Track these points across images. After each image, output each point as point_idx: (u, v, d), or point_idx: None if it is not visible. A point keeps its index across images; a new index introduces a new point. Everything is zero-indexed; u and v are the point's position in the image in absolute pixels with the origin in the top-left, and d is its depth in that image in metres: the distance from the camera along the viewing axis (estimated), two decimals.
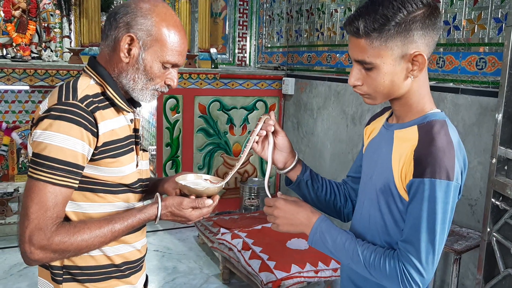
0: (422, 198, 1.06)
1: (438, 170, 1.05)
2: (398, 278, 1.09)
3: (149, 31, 1.20)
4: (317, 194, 1.40)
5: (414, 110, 1.17)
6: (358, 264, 1.15)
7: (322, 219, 1.22)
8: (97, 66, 1.25)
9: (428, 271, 1.08)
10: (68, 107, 1.13)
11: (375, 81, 1.12)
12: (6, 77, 4.01)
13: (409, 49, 1.08)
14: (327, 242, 1.19)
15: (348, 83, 1.18)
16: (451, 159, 1.06)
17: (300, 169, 1.39)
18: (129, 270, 1.32)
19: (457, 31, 2.98)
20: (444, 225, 1.08)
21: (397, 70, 1.10)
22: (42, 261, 1.13)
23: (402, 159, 1.12)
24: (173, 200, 1.26)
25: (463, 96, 2.93)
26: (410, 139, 1.12)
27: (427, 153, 1.06)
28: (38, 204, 1.11)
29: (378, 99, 1.17)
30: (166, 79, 1.27)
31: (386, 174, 1.15)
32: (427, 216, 1.07)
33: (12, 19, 4.31)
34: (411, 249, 1.08)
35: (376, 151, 1.24)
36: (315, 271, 2.99)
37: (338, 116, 4.15)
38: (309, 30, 4.59)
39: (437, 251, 1.08)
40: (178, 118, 4.63)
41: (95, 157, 1.18)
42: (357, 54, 1.12)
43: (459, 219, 2.93)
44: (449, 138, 1.08)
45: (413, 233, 1.08)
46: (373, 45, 1.08)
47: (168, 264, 3.76)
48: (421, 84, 1.15)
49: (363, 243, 1.17)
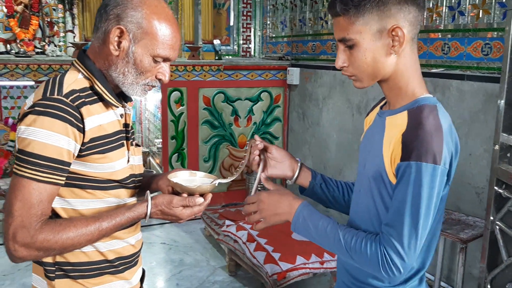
0: (407, 182, 1.05)
1: (424, 153, 1.03)
2: (379, 262, 1.08)
3: (140, 23, 1.17)
4: (334, 195, 1.39)
5: (404, 95, 1.16)
6: (340, 249, 1.15)
7: (304, 205, 1.22)
8: (85, 60, 1.23)
9: (409, 256, 1.06)
10: (52, 102, 1.11)
11: (357, 59, 1.13)
12: (10, 72, 4.02)
13: (387, 23, 1.09)
14: (309, 228, 1.19)
15: (336, 66, 1.19)
16: (439, 143, 1.04)
17: (309, 174, 1.39)
18: (123, 266, 1.31)
19: (462, 16, 2.91)
20: (429, 210, 1.06)
21: (378, 45, 1.11)
22: (26, 258, 1.12)
23: (392, 144, 1.10)
24: (163, 198, 1.23)
25: (469, 83, 2.88)
26: (400, 124, 1.10)
27: (414, 136, 1.05)
28: (21, 201, 1.09)
29: (365, 80, 1.17)
30: (157, 74, 1.24)
31: (377, 161, 1.14)
32: (411, 199, 1.05)
33: (14, 14, 4.32)
34: (394, 232, 1.07)
35: (370, 139, 1.24)
36: (320, 262, 2.97)
37: (344, 105, 4.10)
38: (313, 18, 4.53)
39: (420, 236, 1.07)
40: (182, 110, 4.61)
41: (83, 153, 1.16)
42: (339, 33, 1.14)
43: (465, 208, 2.88)
44: (437, 122, 1.06)
45: (397, 217, 1.07)
46: (351, 21, 1.10)
47: (174, 257, 3.77)
48: (408, 65, 1.14)
49: (345, 228, 1.16)
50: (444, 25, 3.04)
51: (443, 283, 2.97)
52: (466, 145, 2.91)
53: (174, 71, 4.52)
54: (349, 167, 4.05)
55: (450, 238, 2.42)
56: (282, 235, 3.25)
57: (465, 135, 2.91)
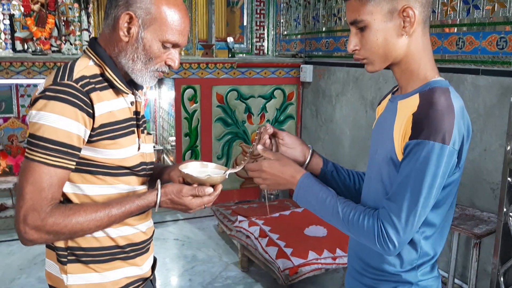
0: (414, 158, 1.05)
1: (433, 132, 1.03)
2: (374, 235, 1.09)
3: (148, 9, 1.18)
4: (345, 183, 1.39)
5: (416, 78, 1.15)
6: (338, 220, 1.17)
7: (306, 176, 1.24)
8: (96, 47, 1.24)
9: (406, 232, 1.07)
10: (62, 87, 1.13)
11: (369, 41, 1.13)
12: (27, 70, 4.09)
13: (398, 4, 1.10)
14: (310, 199, 1.21)
15: (347, 50, 1.19)
16: (449, 123, 1.03)
17: (321, 161, 1.39)
18: (134, 252, 1.32)
19: (476, 10, 2.88)
20: (432, 189, 1.06)
21: (389, 26, 1.11)
22: (37, 241, 1.13)
23: (403, 126, 1.10)
24: (173, 187, 1.24)
25: (484, 77, 2.84)
26: (411, 106, 1.10)
27: (425, 115, 1.05)
28: (32, 185, 1.11)
29: (376, 63, 1.16)
30: (166, 59, 1.24)
31: (389, 144, 1.14)
32: (415, 176, 1.05)
33: (31, 13, 4.38)
34: (394, 207, 1.08)
35: (382, 125, 1.23)
36: (333, 257, 2.96)
37: (357, 102, 4.08)
38: (327, 15, 4.52)
39: (419, 213, 1.07)
40: (196, 108, 4.64)
41: (93, 139, 1.18)
42: (350, 15, 1.15)
43: (480, 204, 2.85)
44: (450, 103, 1.06)
45: (399, 192, 1.08)
46: (362, 2, 1.11)
47: (187, 253, 3.78)
48: (420, 47, 1.14)
49: (345, 201, 1.17)
50: (460, 19, 3.01)
51: (457, 280, 2.94)
52: (481, 141, 2.87)
53: (188, 69, 4.55)
54: (363, 164, 4.03)
55: (464, 233, 2.39)
56: (294, 230, 3.25)
57: (480, 130, 2.87)
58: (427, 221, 1.14)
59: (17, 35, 4.48)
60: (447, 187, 1.13)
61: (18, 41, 4.50)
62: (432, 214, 1.14)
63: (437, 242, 1.19)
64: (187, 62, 4.55)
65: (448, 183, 1.12)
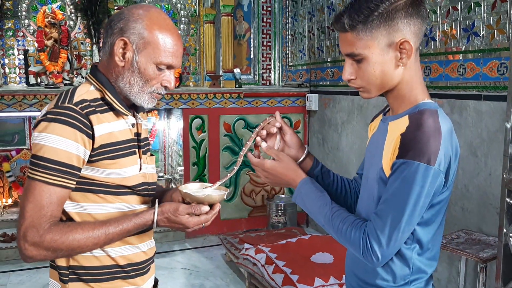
0: (399, 177, 1.09)
1: (419, 153, 1.06)
2: (360, 247, 1.14)
3: (141, 34, 1.25)
4: (327, 189, 1.41)
5: (407, 101, 1.19)
6: (329, 228, 1.23)
7: (305, 181, 1.29)
8: (97, 73, 1.31)
9: (389, 246, 1.11)
10: (62, 110, 1.19)
11: (366, 72, 1.15)
12: (39, 103, 4.21)
13: (395, 37, 1.12)
14: (307, 205, 1.29)
15: (343, 78, 1.22)
16: (435, 144, 1.06)
17: (310, 164, 1.41)
18: (134, 272, 1.34)
19: (476, 37, 2.94)
20: (416, 207, 1.09)
21: (386, 59, 1.13)
22: (36, 258, 1.17)
23: (392, 145, 1.14)
24: (170, 206, 1.27)
25: (486, 103, 2.87)
26: (401, 127, 1.14)
27: (412, 137, 1.08)
28: (33, 203, 1.16)
29: (373, 92, 1.19)
30: (162, 81, 1.30)
31: (379, 164, 1.17)
32: (400, 194, 1.09)
33: (45, 48, 4.53)
34: (379, 222, 1.12)
35: (374, 144, 1.27)
36: (339, 284, 2.94)
37: (362, 129, 4.12)
38: (331, 46, 4.62)
39: (403, 229, 1.10)
40: (204, 137, 4.71)
41: (93, 159, 1.23)
42: (346, 48, 1.16)
43: (487, 229, 2.83)
44: (437, 125, 1.09)
45: (384, 208, 1.11)
46: (359, 37, 1.12)
47: (195, 282, 3.77)
48: (413, 74, 1.17)
49: (337, 210, 1.22)
50: (460, 47, 3.06)
51: None
52: (486, 166, 2.88)
53: (196, 99, 4.64)
54: None
55: (470, 258, 2.38)
56: (301, 257, 3.24)
57: (485, 155, 2.88)
58: (418, 238, 1.17)
59: (31, 69, 4.63)
60: (436, 205, 1.16)
61: (32, 75, 4.65)
62: (423, 232, 1.17)
63: (429, 258, 1.21)
64: (195, 93, 4.65)
65: (437, 201, 1.16)
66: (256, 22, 5.59)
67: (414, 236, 1.16)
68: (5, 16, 4.71)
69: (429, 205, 1.13)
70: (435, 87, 3.19)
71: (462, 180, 3.03)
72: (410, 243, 1.17)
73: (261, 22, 5.60)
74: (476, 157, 2.94)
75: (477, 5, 2.91)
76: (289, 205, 4.59)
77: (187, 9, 5.42)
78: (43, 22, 4.56)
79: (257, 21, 5.59)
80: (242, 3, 5.51)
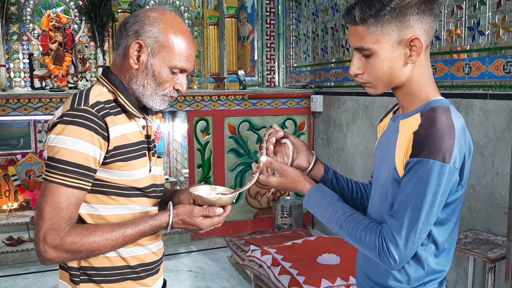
0: (414, 176, 1.06)
1: (434, 151, 1.04)
2: (376, 250, 1.11)
3: (157, 37, 1.25)
4: (343, 193, 1.41)
5: (417, 99, 1.17)
6: (342, 234, 1.21)
7: (312, 191, 1.29)
8: (109, 75, 1.31)
9: (407, 248, 1.09)
10: (79, 112, 1.19)
11: (374, 68, 1.14)
12: (44, 106, 4.22)
13: (406, 34, 1.10)
14: (317, 214, 1.29)
15: (349, 73, 1.20)
16: (450, 142, 1.05)
17: (322, 168, 1.41)
18: (144, 272, 1.34)
19: (481, 36, 2.93)
20: (432, 207, 1.07)
21: (395, 55, 1.12)
22: (55, 260, 1.18)
23: (405, 144, 1.11)
24: (185, 208, 1.28)
25: (492, 102, 2.86)
26: (413, 125, 1.12)
27: (425, 134, 1.06)
28: (51, 205, 1.16)
29: (380, 87, 1.18)
30: (175, 84, 1.31)
31: (391, 164, 1.15)
32: (416, 194, 1.06)
33: (49, 52, 4.55)
34: (395, 223, 1.09)
35: (385, 144, 1.25)
36: (346, 285, 2.93)
37: (368, 130, 4.11)
38: (335, 46, 4.61)
39: (420, 230, 1.08)
40: (208, 139, 4.71)
41: (107, 161, 1.23)
42: (356, 42, 1.14)
43: (495, 228, 2.82)
44: (450, 122, 1.07)
45: (400, 209, 1.09)
46: (370, 31, 1.11)
47: (201, 284, 3.77)
48: (423, 72, 1.16)
49: (350, 215, 1.20)
50: (465, 46, 3.06)
51: None
52: (493, 165, 2.86)
53: (200, 101, 4.64)
54: None
55: (478, 258, 2.36)
56: (307, 258, 3.23)
57: (491, 155, 2.87)
58: (433, 239, 1.15)
59: (35, 73, 4.65)
60: (451, 205, 1.14)
61: (37, 79, 4.67)
62: (439, 231, 1.15)
63: (444, 259, 1.19)
64: (199, 95, 4.65)
65: (452, 200, 1.14)
66: (259, 23, 5.60)
67: (429, 237, 1.14)
68: (10, 20, 4.73)
69: (444, 204, 1.11)
70: (440, 86, 3.18)
71: (469, 180, 2.99)
72: (426, 243, 1.15)
73: (265, 24, 5.61)
74: (483, 157, 2.92)
75: (482, 3, 2.91)
76: (295, 207, 4.59)
77: (190, 11, 5.43)
78: (47, 26, 4.58)
79: (260, 23, 5.60)
80: (246, 4, 5.52)
